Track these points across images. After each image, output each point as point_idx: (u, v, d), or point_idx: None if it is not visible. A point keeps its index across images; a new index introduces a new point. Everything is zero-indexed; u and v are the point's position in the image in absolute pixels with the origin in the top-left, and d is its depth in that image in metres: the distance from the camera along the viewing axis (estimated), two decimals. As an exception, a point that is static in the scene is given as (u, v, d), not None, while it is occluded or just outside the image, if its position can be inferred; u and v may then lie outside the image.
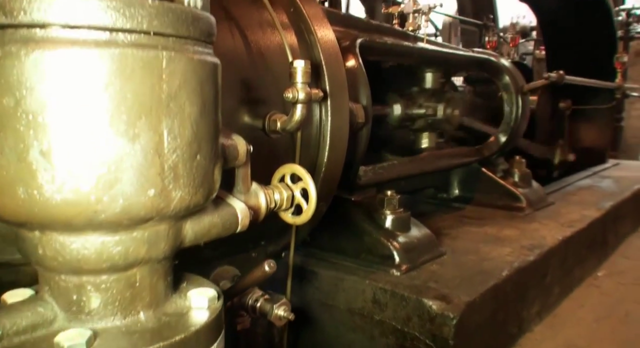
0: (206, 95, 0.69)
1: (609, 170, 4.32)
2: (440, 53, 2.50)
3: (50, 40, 0.58)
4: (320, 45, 1.45)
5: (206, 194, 0.72)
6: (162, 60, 0.63)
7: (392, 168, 2.25)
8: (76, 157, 0.59)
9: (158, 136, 0.63)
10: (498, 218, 2.63)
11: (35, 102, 0.57)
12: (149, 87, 0.62)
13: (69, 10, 0.58)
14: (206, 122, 0.70)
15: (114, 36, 0.60)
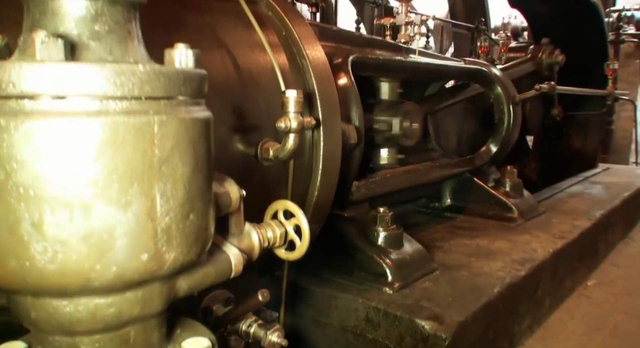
0: (198, 153, 0.69)
1: (600, 176, 4.34)
2: (433, 66, 2.50)
3: (40, 112, 0.57)
4: (312, 69, 1.44)
5: (200, 250, 0.72)
6: (154, 125, 0.62)
7: (384, 182, 2.26)
8: (68, 228, 0.59)
9: (150, 201, 0.63)
10: (490, 229, 2.64)
11: (26, 174, 0.57)
12: (140, 154, 0.61)
13: (59, 80, 0.57)
14: (199, 179, 0.70)
15: (105, 105, 0.59)
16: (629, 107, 8.79)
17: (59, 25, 0.64)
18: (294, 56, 1.49)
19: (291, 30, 1.48)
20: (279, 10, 1.51)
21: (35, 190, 0.57)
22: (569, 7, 4.09)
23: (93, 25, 0.65)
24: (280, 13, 1.50)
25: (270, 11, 1.53)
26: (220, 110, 1.29)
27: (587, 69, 4.14)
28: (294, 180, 1.43)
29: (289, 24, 1.49)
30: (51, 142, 0.57)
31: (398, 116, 2.38)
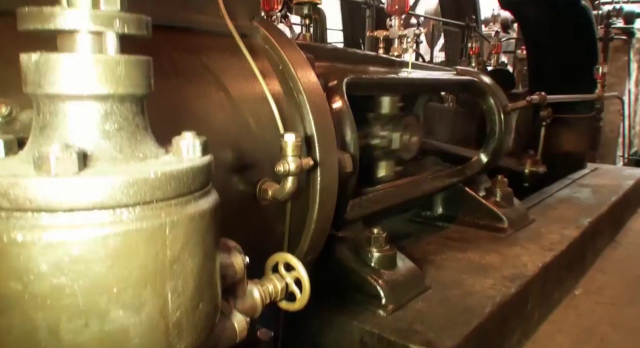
0: (207, 243, 0.71)
1: (588, 177, 4.40)
2: (426, 80, 2.52)
3: (56, 226, 0.59)
4: (309, 106, 1.46)
5: (208, 332, 0.74)
6: (166, 227, 0.64)
7: (378, 199, 2.28)
8: (83, 334, 0.60)
9: (162, 299, 0.65)
10: (481, 241, 2.68)
11: (43, 285, 0.58)
12: (153, 257, 0.63)
13: (74, 195, 0.58)
14: (207, 268, 0.71)
15: (118, 214, 0.61)
16: (617, 101, 8.88)
17: (70, 127, 0.65)
18: (291, 91, 1.50)
19: (287, 64, 1.49)
20: (275, 44, 1.51)
21: (52, 300, 0.59)
22: (559, 10, 4.10)
23: (103, 125, 0.66)
24: (276, 46, 1.51)
25: (266, 44, 1.54)
26: (220, 150, 1.30)
27: (576, 72, 4.18)
28: (291, 213, 1.44)
29: (285, 58, 1.50)
30: (67, 254, 0.59)
31: (398, 131, 2.42)
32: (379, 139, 2.42)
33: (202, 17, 1.39)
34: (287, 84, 1.50)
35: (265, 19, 1.61)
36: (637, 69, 9.06)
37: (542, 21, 4.28)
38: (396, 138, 2.43)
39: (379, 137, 2.43)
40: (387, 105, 2.43)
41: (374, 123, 2.45)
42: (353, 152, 1.82)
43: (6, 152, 0.70)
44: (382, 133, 2.43)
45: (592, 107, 4.19)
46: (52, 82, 0.63)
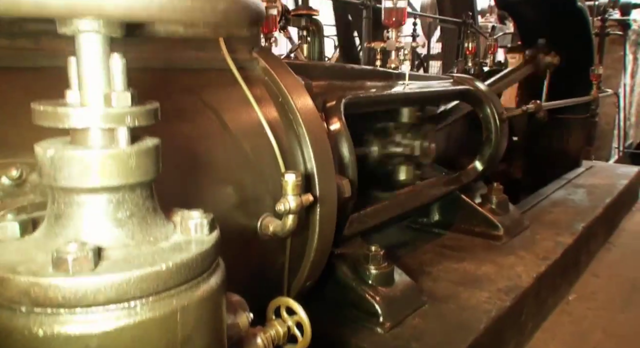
0: (216, 318, 0.75)
1: (583, 177, 4.45)
2: (424, 93, 2.54)
3: (75, 321, 0.62)
4: (309, 140, 1.49)
5: (215, 397, 0.78)
6: (177, 313, 0.67)
7: (377, 213, 2.32)
8: None
9: (174, 378, 0.68)
10: (477, 250, 2.73)
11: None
12: (165, 342, 0.67)
13: (91, 292, 0.62)
14: (216, 339, 0.75)
15: (132, 306, 0.64)
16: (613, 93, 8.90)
17: (84, 217, 0.69)
18: (290, 123, 1.52)
19: (287, 96, 1.51)
20: (274, 75, 1.54)
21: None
22: (556, 11, 4.11)
23: (116, 214, 0.69)
24: (275, 78, 1.54)
25: (265, 75, 1.56)
26: (223, 187, 1.34)
27: (572, 73, 4.20)
28: (291, 244, 1.48)
29: (284, 90, 1.52)
30: (85, 347, 0.62)
31: (419, 139, 2.51)
32: (402, 147, 2.55)
33: (202, 54, 1.41)
34: (286, 115, 1.53)
35: (264, 47, 1.62)
36: (633, 60, 9.08)
37: (538, 21, 4.29)
38: (417, 145, 2.52)
39: (402, 145, 2.54)
40: (407, 114, 2.56)
41: (395, 132, 2.57)
42: (351, 175, 1.85)
43: (21, 233, 0.74)
44: (405, 141, 2.52)
45: (588, 107, 4.21)
46: (67, 176, 0.66)
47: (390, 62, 2.56)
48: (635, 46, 8.96)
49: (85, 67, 0.66)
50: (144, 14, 0.54)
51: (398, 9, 2.51)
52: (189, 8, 0.56)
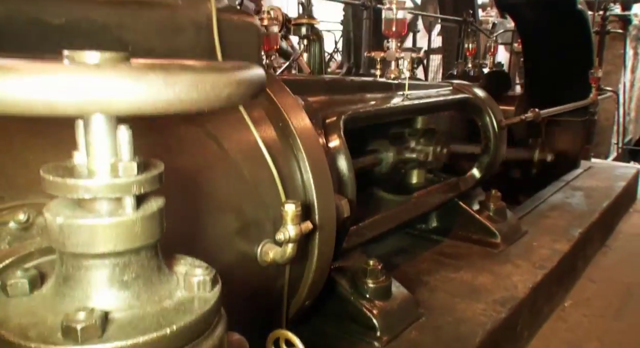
0: (217, 371, 0.78)
1: (581, 178, 4.48)
2: (423, 104, 2.57)
3: (84, 387, 0.65)
4: (311, 173, 1.51)
5: None
6: (182, 373, 0.70)
7: (376, 225, 2.35)
8: None
9: None
10: (474, 258, 2.76)
11: None
12: (169, 401, 0.70)
13: (100, 359, 0.65)
14: (217, 391, 0.78)
15: (139, 369, 0.67)
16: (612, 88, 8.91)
17: (91, 280, 0.71)
18: (290, 147, 1.55)
19: (289, 125, 1.53)
20: (276, 101, 1.56)
21: None
22: (556, 13, 4.12)
23: (122, 276, 0.72)
24: (277, 105, 1.56)
25: (266, 98, 1.58)
26: (222, 213, 1.37)
27: (571, 75, 4.21)
28: (290, 269, 1.51)
29: (286, 117, 1.54)
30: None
31: (432, 145, 2.61)
32: (416, 153, 2.66)
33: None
34: (287, 140, 1.55)
35: (268, 70, 1.64)
36: (634, 56, 9.07)
37: (538, 23, 4.29)
38: (431, 151, 2.66)
39: (416, 151, 2.66)
40: (420, 120, 2.70)
41: (409, 138, 2.67)
42: (350, 193, 1.88)
43: (30, 289, 0.77)
44: (419, 147, 2.65)
45: (587, 110, 4.23)
46: (75, 243, 0.69)
47: (390, 72, 2.57)
48: (636, 41, 8.94)
49: (92, 138, 0.68)
50: (151, 110, 0.56)
51: (398, 19, 2.52)
52: (194, 100, 0.58)
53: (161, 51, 1.32)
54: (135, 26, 1.26)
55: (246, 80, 0.67)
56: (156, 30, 1.31)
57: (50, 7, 1.11)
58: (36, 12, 1.09)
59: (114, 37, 1.22)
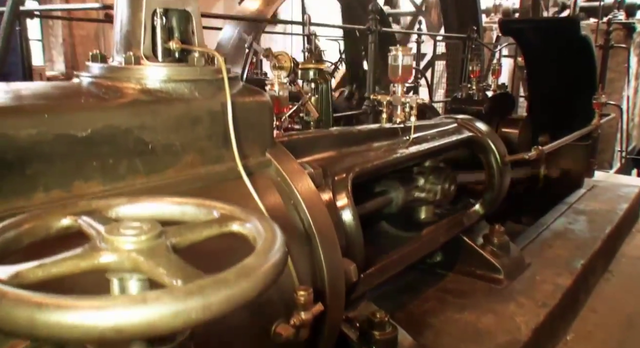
0: None
1: (585, 200, 4.52)
2: (429, 149, 2.62)
3: None
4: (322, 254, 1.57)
5: None
6: None
7: (383, 270, 2.40)
8: None
9: None
10: (478, 295, 2.82)
11: None
12: None
13: None
14: None
15: None
16: (616, 96, 8.93)
17: None
18: (304, 231, 1.60)
19: (299, 201, 1.59)
20: (288, 180, 1.62)
21: None
22: (559, 38, 4.16)
23: None
24: (289, 182, 1.61)
25: (278, 176, 1.64)
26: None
27: (575, 100, 4.25)
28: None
29: (296, 194, 1.60)
30: None
31: (440, 183, 2.70)
32: (425, 193, 2.74)
33: (218, 167, 1.48)
34: (301, 222, 1.61)
35: (277, 144, 1.70)
36: (638, 62, 9.08)
37: (542, 48, 4.33)
38: (439, 190, 2.75)
39: (425, 191, 2.74)
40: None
41: (417, 176, 2.74)
42: (358, 254, 1.94)
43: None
44: (427, 186, 2.73)
45: (589, 136, 4.27)
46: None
47: (396, 116, 2.62)
48: (640, 48, 8.97)
49: None
50: (185, 327, 0.62)
51: (404, 65, 2.57)
52: (224, 311, 0.64)
53: (179, 144, 1.38)
54: (155, 125, 1.32)
55: (270, 276, 0.72)
56: (175, 126, 1.36)
57: (76, 120, 1.17)
58: (63, 127, 1.14)
59: (135, 137, 1.28)
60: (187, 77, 1.42)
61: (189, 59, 1.50)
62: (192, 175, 1.41)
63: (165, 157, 1.35)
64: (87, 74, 1.41)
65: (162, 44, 1.51)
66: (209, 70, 1.47)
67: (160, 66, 1.41)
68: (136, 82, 1.37)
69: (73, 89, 1.31)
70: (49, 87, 1.30)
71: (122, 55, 1.44)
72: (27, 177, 1.09)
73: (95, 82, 1.37)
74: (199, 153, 1.44)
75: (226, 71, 1.45)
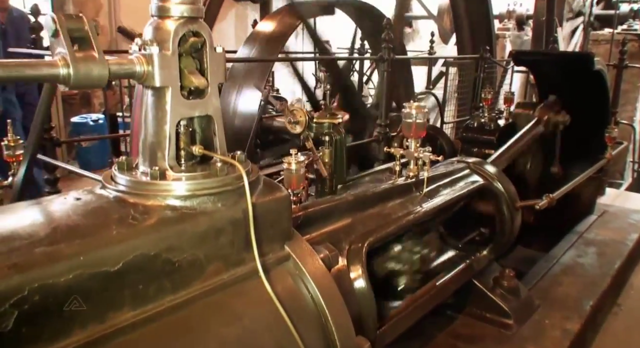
0: None
1: (595, 228, 4.56)
2: (443, 204, 2.67)
3: None
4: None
5: None
6: None
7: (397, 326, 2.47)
8: None
9: None
10: (487, 343, 2.89)
11: None
12: None
13: None
14: None
15: None
16: (629, 108, 8.89)
17: None
18: (323, 332, 1.67)
19: (320, 300, 1.66)
20: (306, 274, 1.68)
21: None
22: (574, 71, 4.16)
23: None
24: (307, 276, 1.68)
25: (297, 270, 1.70)
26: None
27: (587, 132, 4.27)
28: None
29: (316, 291, 1.67)
30: None
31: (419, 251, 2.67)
32: (402, 264, 2.70)
33: (240, 270, 1.55)
34: (317, 312, 1.67)
35: (295, 235, 1.77)
36: (652, 71, 9.03)
37: (555, 79, 4.34)
38: (417, 260, 2.66)
39: (401, 261, 2.67)
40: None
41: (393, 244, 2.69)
42: (372, 327, 2.01)
43: None
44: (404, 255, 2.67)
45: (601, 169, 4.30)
46: None
47: (409, 171, 2.68)
48: (655, 55, 8.91)
49: None
50: None
51: (417, 123, 2.62)
52: None
53: (204, 257, 1.44)
54: (181, 244, 1.38)
55: None
56: (199, 241, 1.42)
57: (109, 255, 1.23)
58: (98, 265, 1.21)
59: (163, 260, 1.34)
60: (211, 190, 1.48)
61: (211, 165, 1.56)
62: (216, 283, 1.47)
63: (191, 271, 1.42)
64: (114, 187, 1.47)
65: (185, 148, 1.58)
66: (230, 179, 1.53)
67: (185, 181, 1.47)
68: (162, 198, 1.43)
69: (102, 212, 1.37)
70: (79, 212, 1.36)
71: (148, 165, 1.51)
72: (65, 317, 1.16)
73: (122, 199, 1.43)
74: (222, 260, 1.50)
75: (247, 179, 1.51)
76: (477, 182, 3.02)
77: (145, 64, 1.45)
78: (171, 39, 1.45)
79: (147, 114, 1.53)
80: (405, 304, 2.65)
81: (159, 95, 1.49)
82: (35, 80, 1.31)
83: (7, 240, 1.19)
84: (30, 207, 1.40)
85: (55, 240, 1.21)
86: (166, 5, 1.46)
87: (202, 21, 1.54)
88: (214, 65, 1.57)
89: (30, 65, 1.27)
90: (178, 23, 1.47)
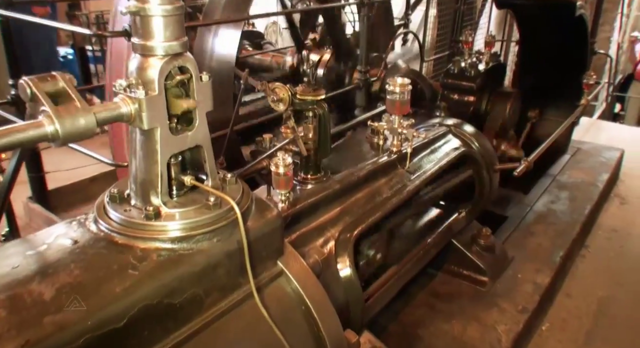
0: None
1: (568, 169, 4.71)
2: (426, 178, 2.73)
3: None
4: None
5: None
6: None
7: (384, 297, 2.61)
8: None
9: None
10: (464, 301, 3.09)
11: None
12: None
13: None
14: None
15: None
16: (607, 28, 8.81)
17: None
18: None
19: (311, 311, 1.75)
20: (300, 290, 1.76)
21: None
22: (555, 15, 4.11)
23: None
24: (301, 293, 1.76)
25: (289, 285, 1.78)
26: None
27: (564, 77, 4.30)
28: None
29: (307, 302, 1.76)
30: None
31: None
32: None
33: (236, 294, 1.62)
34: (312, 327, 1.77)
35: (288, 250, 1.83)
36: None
37: (537, 23, 4.29)
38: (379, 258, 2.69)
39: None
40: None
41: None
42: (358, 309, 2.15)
43: None
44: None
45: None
46: None
47: (392, 146, 2.72)
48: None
49: None
50: None
51: (402, 101, 2.62)
52: None
53: (203, 292, 1.50)
54: (181, 286, 1.43)
55: None
56: (197, 279, 1.48)
57: (115, 312, 1.29)
58: (105, 325, 1.26)
59: (165, 305, 1.40)
60: (206, 228, 1.51)
61: (203, 193, 1.59)
62: (214, 313, 1.55)
63: (191, 307, 1.48)
64: (107, 226, 1.49)
65: (177, 178, 1.59)
66: (224, 212, 1.55)
67: (179, 219, 1.49)
68: (159, 242, 1.46)
69: (102, 261, 1.40)
70: (79, 263, 1.38)
71: (140, 201, 1.53)
72: (78, 378, 1.23)
73: (118, 243, 1.45)
74: (219, 291, 1.56)
75: (239, 211, 1.53)
76: (458, 149, 3.07)
77: (132, 105, 1.42)
78: (157, 80, 1.42)
79: (136, 151, 1.52)
80: (390, 274, 2.78)
81: (148, 135, 1.47)
82: (26, 143, 1.28)
83: (15, 307, 1.23)
84: (29, 256, 1.41)
85: (61, 304, 1.26)
86: (150, 44, 1.41)
87: (188, 54, 1.49)
88: (200, 95, 1.54)
89: (19, 129, 1.25)
90: (163, 61, 1.42)
